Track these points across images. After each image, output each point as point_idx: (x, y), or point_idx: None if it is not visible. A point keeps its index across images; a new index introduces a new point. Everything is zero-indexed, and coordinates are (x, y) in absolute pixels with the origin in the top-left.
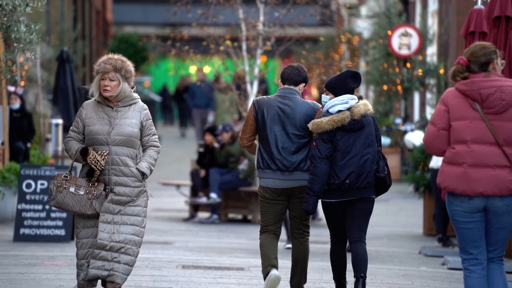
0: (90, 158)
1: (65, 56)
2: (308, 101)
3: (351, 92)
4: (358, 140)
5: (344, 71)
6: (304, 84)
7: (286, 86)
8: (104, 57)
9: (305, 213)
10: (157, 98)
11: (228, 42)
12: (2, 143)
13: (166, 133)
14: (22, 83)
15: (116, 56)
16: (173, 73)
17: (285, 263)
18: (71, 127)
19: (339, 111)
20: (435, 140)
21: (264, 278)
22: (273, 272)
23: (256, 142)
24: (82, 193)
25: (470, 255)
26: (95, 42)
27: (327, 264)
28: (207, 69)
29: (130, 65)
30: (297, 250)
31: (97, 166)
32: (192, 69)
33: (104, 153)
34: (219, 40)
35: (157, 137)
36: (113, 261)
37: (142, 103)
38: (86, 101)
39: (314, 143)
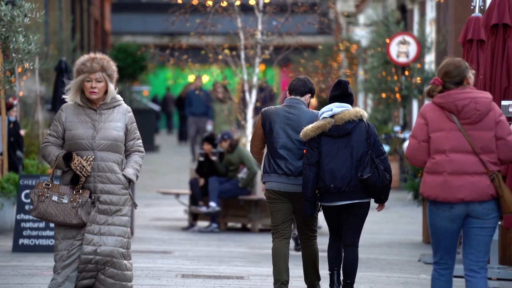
0: (75, 164)
1: (64, 66)
2: (313, 110)
3: (337, 100)
4: (343, 145)
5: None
6: (310, 95)
7: (292, 96)
8: (86, 57)
9: (305, 215)
10: (156, 107)
11: (226, 51)
12: (1, 154)
13: (165, 142)
14: (21, 93)
15: (99, 55)
16: (171, 82)
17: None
18: (48, 132)
19: (324, 118)
20: (417, 152)
21: None
22: None
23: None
24: (66, 201)
25: (442, 259)
26: (93, 52)
27: (326, 272)
28: (205, 78)
29: (114, 64)
30: (305, 253)
31: (83, 173)
32: (191, 78)
33: (89, 158)
34: (218, 49)
35: (141, 141)
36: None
37: (126, 105)
38: (65, 104)
39: (304, 151)
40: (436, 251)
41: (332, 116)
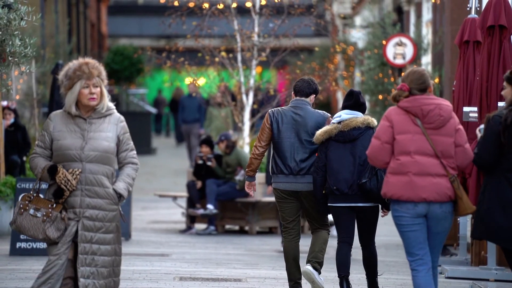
0: (60, 177)
1: (60, 69)
2: (319, 111)
3: (349, 108)
4: (348, 151)
5: None
6: (314, 95)
7: (298, 97)
8: (78, 62)
9: (319, 212)
10: (152, 110)
11: (223, 53)
12: None
13: (162, 144)
14: (18, 97)
15: (90, 60)
16: (168, 85)
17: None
18: (36, 142)
19: (333, 123)
20: (378, 152)
21: None
22: None
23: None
24: (39, 215)
25: (416, 256)
26: (90, 55)
27: (326, 274)
28: (201, 81)
29: (103, 69)
30: (316, 236)
31: (68, 186)
32: (188, 81)
33: (76, 171)
34: (214, 52)
35: (135, 153)
36: None
37: (119, 114)
38: (54, 112)
39: (316, 153)
40: (409, 248)
41: (340, 122)
